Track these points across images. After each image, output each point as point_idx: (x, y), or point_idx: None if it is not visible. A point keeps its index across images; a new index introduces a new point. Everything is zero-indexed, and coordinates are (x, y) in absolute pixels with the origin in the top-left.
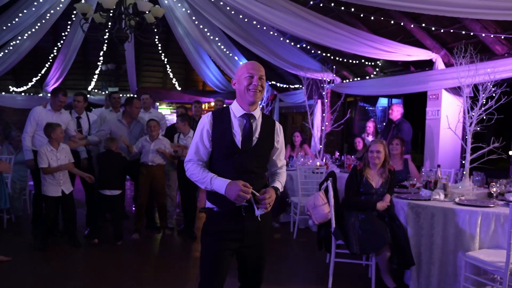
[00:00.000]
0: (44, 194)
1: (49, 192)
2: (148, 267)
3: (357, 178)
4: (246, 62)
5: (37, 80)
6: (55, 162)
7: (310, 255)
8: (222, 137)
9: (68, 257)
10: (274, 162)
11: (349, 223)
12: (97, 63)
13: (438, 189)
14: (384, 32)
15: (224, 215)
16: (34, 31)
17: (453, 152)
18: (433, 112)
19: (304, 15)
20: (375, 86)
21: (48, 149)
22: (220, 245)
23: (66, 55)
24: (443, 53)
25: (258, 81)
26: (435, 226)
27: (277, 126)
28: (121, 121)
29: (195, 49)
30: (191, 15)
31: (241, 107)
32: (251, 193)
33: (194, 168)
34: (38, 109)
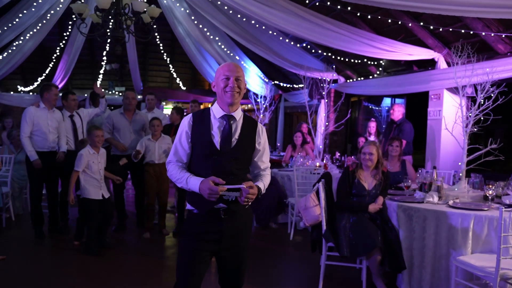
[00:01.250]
0: (87, 197)
1: (91, 195)
2: (142, 267)
3: (349, 179)
4: (223, 64)
5: (44, 79)
6: (96, 165)
7: (304, 257)
8: (201, 138)
9: (65, 257)
10: (256, 164)
11: (340, 225)
12: (102, 62)
13: (432, 191)
14: (386, 31)
15: (203, 217)
16: (36, 31)
17: (454, 153)
18: (434, 113)
19: (304, 15)
20: (378, 85)
21: (90, 152)
22: (196, 245)
23: (70, 55)
24: (445, 52)
25: (234, 83)
26: (427, 229)
27: (259, 127)
28: (123, 114)
29: (197, 49)
30: (191, 14)
31: (221, 109)
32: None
33: (173, 169)
34: (31, 109)
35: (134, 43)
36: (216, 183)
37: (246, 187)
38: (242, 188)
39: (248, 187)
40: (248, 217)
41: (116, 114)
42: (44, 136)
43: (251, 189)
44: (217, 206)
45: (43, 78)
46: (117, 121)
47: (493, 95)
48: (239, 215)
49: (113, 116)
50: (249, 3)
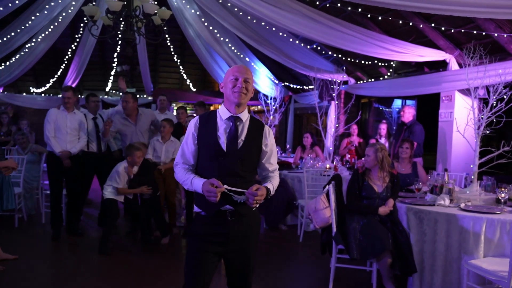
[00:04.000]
0: (109, 198)
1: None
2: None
3: (359, 182)
4: (233, 66)
5: (56, 81)
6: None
7: (314, 259)
8: (207, 140)
9: (77, 257)
10: (264, 166)
11: (350, 227)
12: (113, 64)
13: (444, 194)
14: (396, 32)
15: (210, 218)
16: (48, 33)
17: (466, 155)
18: (446, 114)
19: (314, 16)
20: (388, 87)
21: (125, 170)
22: (203, 246)
23: (82, 56)
24: (457, 53)
25: (242, 84)
26: (438, 232)
27: (266, 129)
28: (126, 119)
29: (207, 50)
30: (201, 16)
31: (227, 110)
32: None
33: (179, 171)
34: (53, 110)
35: (145, 45)
36: (215, 185)
37: (254, 190)
38: (246, 192)
39: (255, 190)
40: (255, 220)
41: (119, 120)
42: (61, 137)
43: (259, 191)
44: (223, 208)
45: (55, 80)
46: (122, 128)
47: (505, 97)
48: (246, 217)
49: (116, 123)
50: (259, 5)
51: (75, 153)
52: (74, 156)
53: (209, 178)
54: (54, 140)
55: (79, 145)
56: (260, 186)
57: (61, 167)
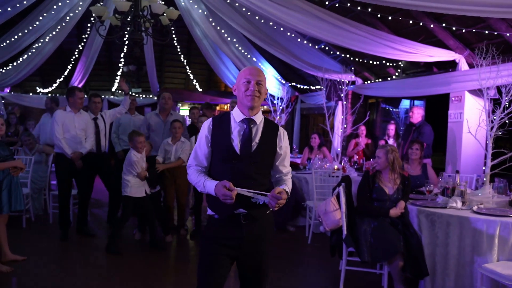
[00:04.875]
0: (128, 195)
1: (134, 194)
2: (160, 268)
3: (369, 184)
4: (245, 68)
5: (62, 81)
6: (140, 168)
7: (323, 261)
8: (220, 142)
9: (85, 257)
10: (278, 169)
11: (360, 230)
12: (119, 64)
13: (456, 196)
14: (405, 32)
15: (223, 222)
16: (55, 33)
17: (476, 157)
18: (455, 115)
19: (323, 16)
20: (396, 87)
21: (138, 157)
22: (216, 249)
23: (88, 57)
24: (466, 53)
25: (255, 86)
26: (450, 235)
27: (280, 131)
28: (158, 116)
29: (214, 50)
30: (208, 16)
31: (241, 112)
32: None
33: (192, 173)
34: (59, 112)
35: (152, 45)
36: (227, 187)
37: (276, 193)
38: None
39: (278, 193)
40: (268, 223)
41: (152, 115)
42: (71, 138)
43: (282, 194)
44: (237, 211)
45: (61, 80)
46: (153, 122)
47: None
48: (260, 220)
49: (149, 117)
50: (267, 5)
51: (86, 153)
52: (83, 156)
53: (222, 180)
54: (64, 141)
55: (88, 145)
56: (281, 189)
57: (71, 168)
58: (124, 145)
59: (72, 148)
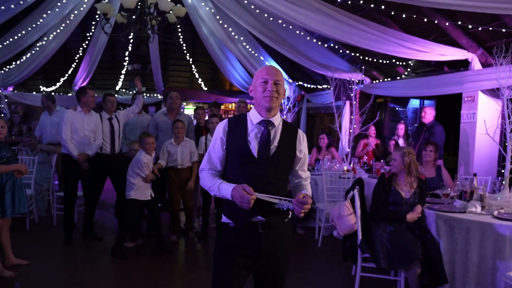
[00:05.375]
0: (133, 198)
1: (139, 197)
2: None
3: (385, 187)
4: (261, 68)
5: (66, 80)
6: (148, 170)
7: (335, 266)
8: (236, 145)
9: (91, 261)
10: (297, 173)
11: (376, 235)
12: (124, 63)
13: (475, 201)
14: (416, 30)
15: (239, 230)
16: (59, 31)
17: (489, 158)
18: (468, 115)
19: (332, 13)
20: (406, 87)
21: (148, 159)
22: (231, 260)
23: (92, 55)
24: (480, 52)
25: (273, 86)
26: (471, 241)
27: (299, 134)
28: (166, 115)
29: (220, 49)
30: (215, 14)
31: (258, 114)
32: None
33: (205, 176)
34: (69, 112)
35: (157, 43)
36: (246, 191)
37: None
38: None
39: (303, 198)
40: (286, 231)
41: (160, 115)
42: (79, 139)
43: (309, 199)
44: (254, 219)
45: (65, 79)
46: (161, 122)
47: None
48: (278, 228)
49: (157, 117)
50: (276, 2)
51: (93, 155)
52: (90, 158)
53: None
54: (71, 142)
55: (95, 147)
56: (306, 194)
57: (77, 170)
58: None
59: (79, 150)
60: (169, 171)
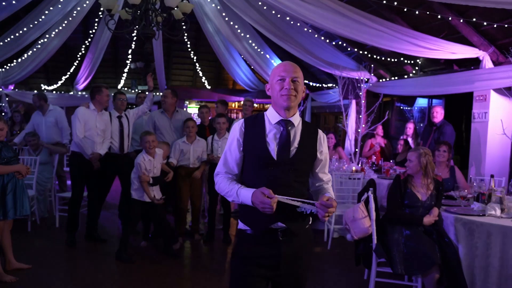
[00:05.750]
0: (134, 198)
1: (140, 197)
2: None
3: (401, 189)
4: (278, 64)
5: (67, 78)
6: (152, 171)
7: (346, 270)
8: (254, 147)
9: (95, 265)
10: (318, 176)
11: (392, 239)
12: (127, 61)
13: (494, 203)
14: (426, 28)
15: (257, 238)
16: (61, 28)
17: (501, 158)
18: (479, 115)
19: (341, 10)
20: (415, 85)
21: (146, 159)
22: (249, 270)
23: (95, 53)
24: (491, 50)
25: (290, 84)
26: (492, 246)
27: (320, 134)
28: (163, 113)
29: (225, 47)
30: (221, 11)
31: (277, 113)
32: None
33: (222, 181)
34: (82, 109)
35: (161, 41)
36: (266, 195)
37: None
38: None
39: (327, 201)
40: (308, 239)
41: (157, 113)
42: (91, 138)
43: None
44: (274, 226)
45: (67, 77)
46: (158, 120)
47: None
48: (299, 236)
49: (154, 115)
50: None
51: (103, 154)
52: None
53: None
54: (85, 141)
55: (105, 146)
56: (329, 197)
57: (87, 170)
58: (136, 146)
59: (92, 149)
60: (179, 169)
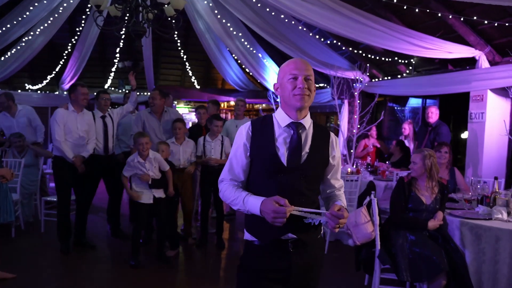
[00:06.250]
0: (136, 201)
1: (141, 199)
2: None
3: (405, 193)
4: (288, 61)
5: (53, 78)
6: (144, 173)
7: (345, 275)
8: (262, 152)
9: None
10: (329, 183)
11: (396, 244)
12: (114, 60)
13: (500, 206)
14: (422, 27)
15: (266, 249)
16: (47, 26)
17: (499, 159)
18: (476, 115)
19: (338, 8)
20: (410, 85)
21: (135, 161)
22: (257, 284)
23: (82, 52)
24: (487, 50)
25: (303, 83)
26: (501, 252)
27: (332, 137)
28: (151, 113)
29: (216, 45)
30: (213, 8)
31: (287, 115)
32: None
33: (227, 188)
34: (60, 111)
35: (151, 39)
36: (280, 204)
37: (336, 211)
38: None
39: (338, 211)
40: (320, 249)
41: (145, 113)
42: (73, 141)
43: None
44: (284, 237)
45: (52, 76)
46: (147, 121)
47: None
48: (310, 247)
49: (142, 115)
50: None
51: (87, 156)
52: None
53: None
54: (66, 144)
55: (90, 148)
56: (341, 206)
57: (71, 174)
58: (124, 147)
59: (74, 152)
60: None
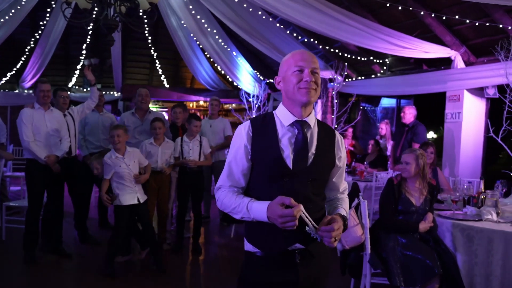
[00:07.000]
0: (118, 204)
1: (124, 201)
2: None
3: (395, 195)
4: (293, 53)
5: (13, 75)
6: (125, 169)
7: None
8: (265, 154)
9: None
10: (335, 185)
11: (387, 248)
12: (80, 57)
13: (489, 207)
14: (398, 27)
15: (270, 261)
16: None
17: (474, 159)
18: (453, 115)
19: (315, 4)
20: (385, 85)
21: (113, 157)
22: None
23: (45, 48)
24: (463, 50)
25: (310, 76)
26: (494, 253)
27: (337, 137)
28: (134, 115)
29: (188, 43)
30: (188, 4)
31: (290, 112)
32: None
33: (225, 195)
34: (26, 110)
35: (120, 35)
36: (287, 205)
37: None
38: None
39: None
40: (326, 259)
41: (127, 115)
42: (44, 141)
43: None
44: (290, 248)
45: (12, 74)
46: (129, 123)
47: None
48: (319, 258)
49: (124, 118)
50: None
51: (62, 156)
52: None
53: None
54: (35, 144)
55: (64, 147)
56: (333, 216)
57: (44, 177)
58: (91, 148)
59: (47, 152)
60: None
